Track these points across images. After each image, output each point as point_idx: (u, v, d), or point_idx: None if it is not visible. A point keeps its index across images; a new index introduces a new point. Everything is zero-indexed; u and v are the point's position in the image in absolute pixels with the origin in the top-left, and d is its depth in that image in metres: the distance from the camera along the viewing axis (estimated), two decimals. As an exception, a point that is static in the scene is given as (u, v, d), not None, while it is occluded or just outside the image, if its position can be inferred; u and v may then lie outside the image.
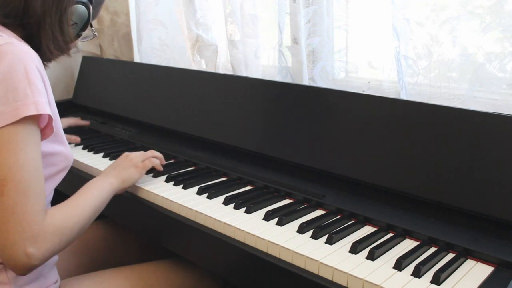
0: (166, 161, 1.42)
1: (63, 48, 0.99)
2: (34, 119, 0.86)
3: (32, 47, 0.92)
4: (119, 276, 1.15)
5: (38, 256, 0.84)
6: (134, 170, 1.17)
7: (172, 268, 1.23)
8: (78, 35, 1.05)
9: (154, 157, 1.26)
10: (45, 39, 0.95)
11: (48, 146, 0.95)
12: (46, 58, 0.99)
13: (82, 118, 1.91)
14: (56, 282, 1.05)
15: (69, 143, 1.58)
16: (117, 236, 1.42)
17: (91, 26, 1.11)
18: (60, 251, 0.92)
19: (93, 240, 1.38)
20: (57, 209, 0.93)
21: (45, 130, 0.90)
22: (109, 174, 1.13)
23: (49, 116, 0.88)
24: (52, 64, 1.08)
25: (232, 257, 1.01)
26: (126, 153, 1.21)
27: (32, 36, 0.95)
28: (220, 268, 1.06)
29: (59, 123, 0.98)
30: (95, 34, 1.16)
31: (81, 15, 1.01)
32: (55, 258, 1.08)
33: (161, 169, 1.27)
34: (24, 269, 0.85)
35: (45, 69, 1.05)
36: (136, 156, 1.21)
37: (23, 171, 0.83)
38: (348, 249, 0.90)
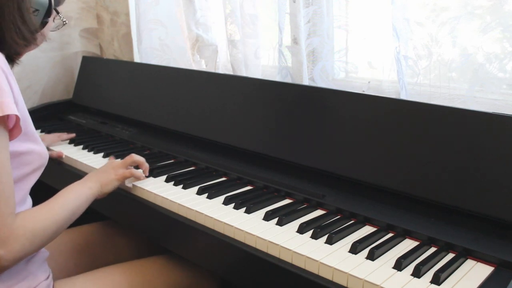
0: (166, 161, 1.42)
1: (28, 38, 0.97)
2: (0, 121, 0.86)
3: None
4: (116, 272, 1.15)
5: (7, 258, 0.85)
6: (114, 176, 1.16)
7: (169, 264, 1.23)
8: (44, 24, 1.02)
9: (135, 162, 1.23)
10: (8, 30, 0.93)
11: (20, 145, 0.94)
12: (13, 50, 0.97)
13: (82, 118, 1.91)
14: (48, 277, 1.04)
15: (52, 158, 1.51)
16: (117, 236, 1.42)
17: (58, 13, 1.08)
18: (33, 252, 0.93)
19: (93, 241, 1.37)
20: (31, 212, 0.93)
21: (13, 131, 0.90)
22: (89, 178, 1.13)
23: (16, 116, 0.88)
24: (52, 64, 1.07)
25: (232, 257, 1.01)
26: (112, 160, 1.21)
27: None
28: (220, 268, 1.06)
29: (29, 122, 0.97)
30: (64, 22, 1.12)
31: (41, 1, 0.99)
32: (45, 254, 1.08)
33: (141, 178, 1.24)
34: None
35: (17, 63, 1.04)
36: (116, 163, 1.20)
37: None
38: (348, 249, 0.90)
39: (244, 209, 1.07)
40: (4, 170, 0.86)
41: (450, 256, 0.88)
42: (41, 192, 1.06)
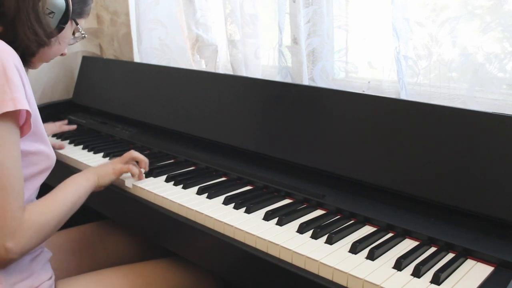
0: (166, 161, 1.42)
1: (40, 35, 0.97)
2: (12, 116, 0.87)
3: (11, 40, 0.93)
4: (118, 274, 1.15)
5: (16, 250, 0.87)
6: (111, 170, 1.18)
7: (170, 266, 1.23)
8: (59, 28, 1.03)
9: (134, 158, 1.24)
10: (21, 25, 0.95)
11: (30, 145, 0.96)
12: (26, 47, 0.97)
13: (82, 118, 1.91)
14: (50, 278, 1.05)
15: (54, 148, 1.51)
16: (117, 236, 1.42)
17: (77, 24, 1.09)
18: (38, 245, 0.95)
19: (93, 240, 1.38)
20: (35, 205, 0.95)
21: (23, 127, 0.92)
22: (88, 171, 1.15)
23: (27, 112, 0.89)
24: (52, 64, 1.08)
25: (232, 257, 1.01)
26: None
27: (8, 27, 0.95)
28: (220, 268, 1.06)
29: (39, 122, 0.99)
30: (83, 35, 1.14)
31: (56, 3, 1.00)
32: (48, 254, 1.08)
33: (137, 175, 1.23)
34: (2, 263, 0.89)
35: (37, 67, 1.06)
36: (117, 159, 1.24)
37: (3, 168, 0.85)
38: (348, 249, 0.90)
39: (244, 209, 1.07)
40: (16, 165, 0.88)
41: (450, 256, 0.88)
42: (40, 191, 1.06)
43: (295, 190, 1.14)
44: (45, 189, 1.08)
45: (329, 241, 0.93)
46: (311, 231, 0.97)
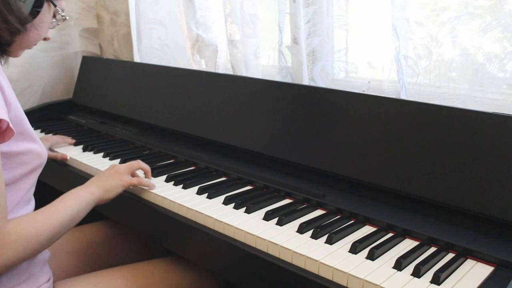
0: (166, 161, 1.42)
1: (12, 22, 0.90)
2: None
3: None
4: (117, 275, 1.15)
5: None
6: (118, 182, 1.12)
7: (170, 266, 1.22)
8: (34, 13, 0.95)
9: (140, 168, 1.21)
10: None
11: (17, 145, 0.92)
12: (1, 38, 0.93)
13: (82, 118, 1.91)
14: (49, 280, 1.04)
15: (57, 160, 1.49)
16: (117, 236, 1.42)
17: (55, 5, 1.01)
18: (27, 259, 0.90)
19: (93, 241, 1.37)
20: (25, 217, 0.90)
21: (5, 133, 0.86)
22: (92, 183, 1.09)
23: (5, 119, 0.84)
24: (52, 64, 1.05)
25: (232, 257, 1.01)
26: (114, 164, 1.18)
27: None
28: (220, 268, 1.06)
29: (25, 121, 0.95)
30: (64, 18, 1.06)
31: None
32: (47, 255, 1.07)
33: (147, 186, 1.20)
34: None
35: (18, 55, 1.01)
36: (122, 168, 1.16)
37: None
38: (348, 249, 0.90)
39: (244, 209, 1.07)
40: None
41: (450, 256, 0.88)
42: (38, 191, 1.06)
43: (295, 190, 1.14)
44: (42, 189, 1.07)
45: (329, 241, 0.93)
46: (311, 231, 0.97)
